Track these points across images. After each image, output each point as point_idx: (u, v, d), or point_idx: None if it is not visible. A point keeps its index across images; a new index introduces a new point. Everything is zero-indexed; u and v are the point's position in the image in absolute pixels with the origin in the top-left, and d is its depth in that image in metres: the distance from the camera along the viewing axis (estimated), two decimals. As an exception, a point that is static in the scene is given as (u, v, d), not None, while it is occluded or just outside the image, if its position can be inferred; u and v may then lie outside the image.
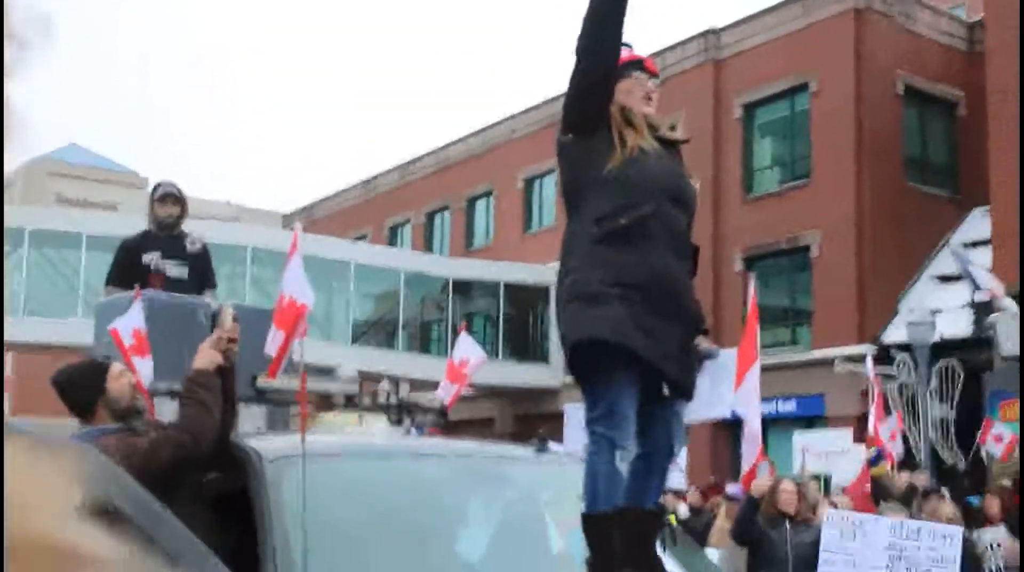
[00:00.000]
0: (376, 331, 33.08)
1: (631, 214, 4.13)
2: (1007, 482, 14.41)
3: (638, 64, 4.44)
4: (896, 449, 13.96)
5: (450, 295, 33.17)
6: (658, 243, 4.18)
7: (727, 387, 8.06)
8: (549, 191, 34.52)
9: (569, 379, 29.15)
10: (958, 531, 8.78)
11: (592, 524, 4.07)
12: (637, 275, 4.11)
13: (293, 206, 46.68)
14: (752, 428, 9.66)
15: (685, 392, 4.29)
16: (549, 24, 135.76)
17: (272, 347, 5.62)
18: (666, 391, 4.21)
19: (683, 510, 15.13)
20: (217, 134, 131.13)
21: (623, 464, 4.03)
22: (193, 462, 4.40)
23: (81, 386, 4.59)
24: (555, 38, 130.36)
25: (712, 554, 9.85)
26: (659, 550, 4.26)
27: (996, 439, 17.09)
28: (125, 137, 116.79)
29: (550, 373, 32.42)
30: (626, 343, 4.03)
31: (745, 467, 9.93)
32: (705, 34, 29.18)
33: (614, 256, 4.12)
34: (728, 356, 8.27)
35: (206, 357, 4.60)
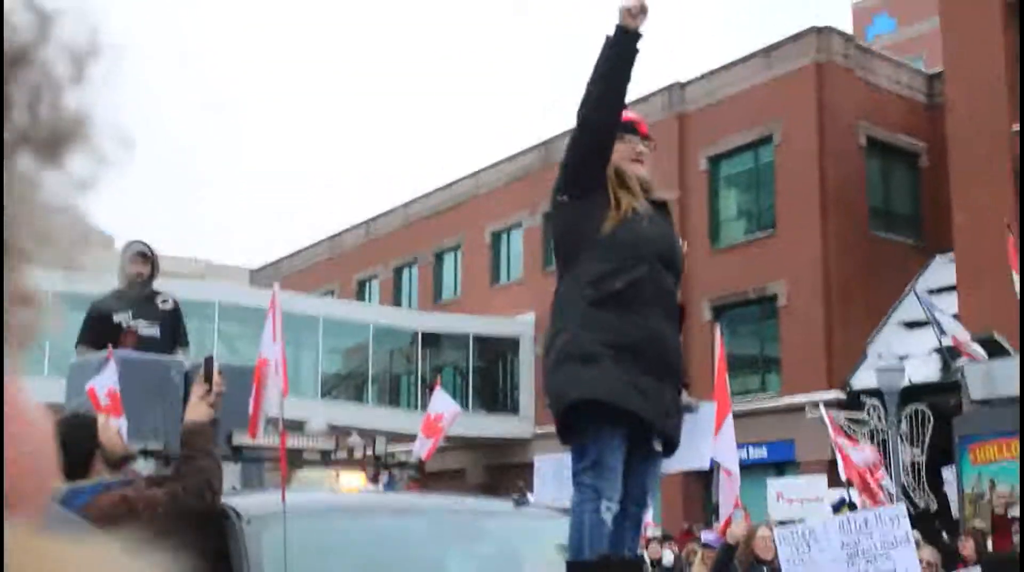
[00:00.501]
0: (345, 385, 32.97)
1: (625, 278, 4.25)
2: (980, 524, 14.49)
3: (630, 126, 4.55)
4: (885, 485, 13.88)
5: (419, 348, 33.14)
6: (650, 305, 4.29)
7: (706, 439, 8.09)
8: (516, 244, 34.68)
9: (540, 430, 29.15)
10: (901, 508, 8.92)
11: None
12: (631, 336, 4.22)
13: (260, 262, 46.62)
14: (731, 476, 9.68)
15: (673, 447, 4.38)
16: (514, 80, 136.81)
17: (251, 406, 5.61)
18: (658, 447, 4.31)
19: (668, 557, 15.11)
20: (182, 191, 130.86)
21: (608, 515, 4.08)
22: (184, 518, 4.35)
23: (75, 441, 4.50)
24: (520, 94, 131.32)
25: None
26: None
27: (955, 478, 17.26)
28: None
29: (520, 424, 32.41)
30: (624, 404, 4.15)
31: (723, 515, 9.94)
32: (670, 88, 29.52)
33: (609, 318, 4.22)
34: (708, 409, 8.30)
35: (201, 410, 4.52)
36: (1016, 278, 17.77)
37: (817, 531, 8.72)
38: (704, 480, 24.50)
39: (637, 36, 4.26)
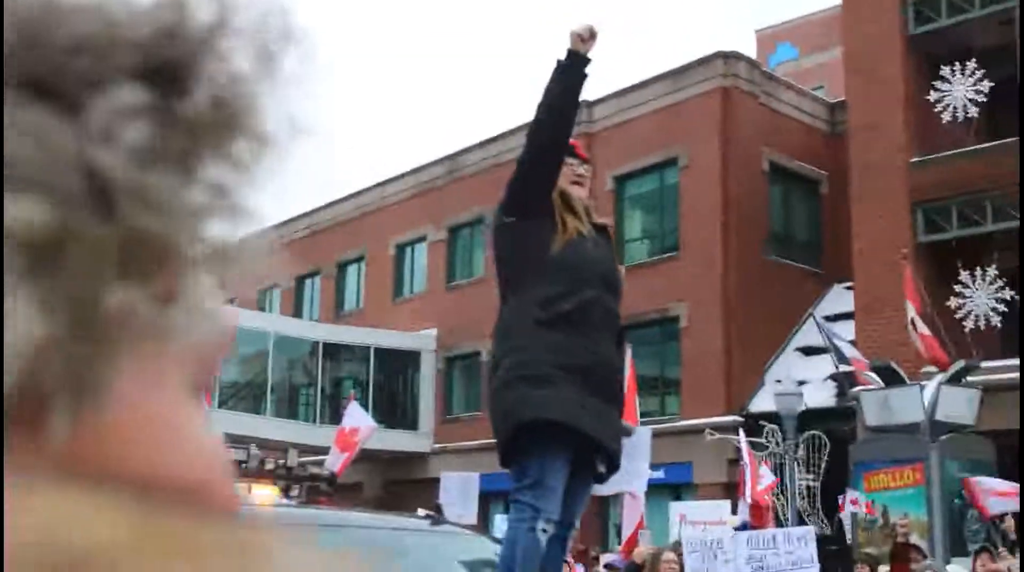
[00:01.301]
0: (243, 395, 32.44)
1: (574, 300, 4.28)
2: (873, 550, 14.72)
3: (570, 149, 4.60)
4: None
5: (320, 359, 32.78)
6: (597, 328, 4.34)
7: (644, 462, 8.16)
8: (420, 258, 34.54)
9: (438, 445, 28.96)
10: (810, 531, 9.09)
11: None
12: (581, 359, 4.24)
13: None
14: (636, 498, 9.72)
15: (614, 470, 4.40)
16: (421, 91, 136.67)
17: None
18: (602, 468, 4.32)
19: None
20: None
21: (544, 536, 4.05)
22: None
23: None
24: (427, 106, 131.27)
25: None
26: None
27: (853, 503, 17.54)
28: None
29: (419, 439, 32.24)
30: (577, 425, 4.15)
31: (626, 535, 9.99)
32: (578, 106, 29.69)
33: (558, 339, 4.23)
34: (644, 433, 8.36)
35: None
36: (911, 308, 18.18)
37: (725, 543, 8.81)
38: (600, 501, 24.61)
39: (587, 61, 4.35)
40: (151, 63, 0.48)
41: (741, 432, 16.30)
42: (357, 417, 10.66)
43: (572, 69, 4.33)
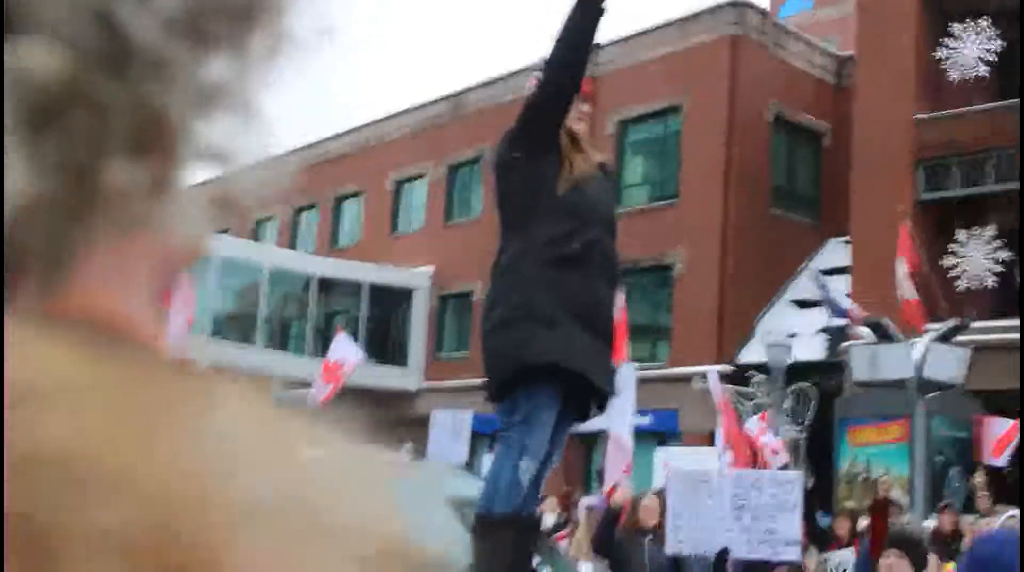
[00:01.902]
0: (235, 326, 32.42)
1: (580, 240, 4.27)
2: (854, 504, 14.77)
3: None
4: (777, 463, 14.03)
5: (313, 293, 32.74)
6: (599, 270, 4.33)
7: (628, 399, 8.16)
8: (419, 195, 34.40)
9: (427, 384, 28.97)
10: (797, 476, 9.13)
11: (485, 526, 4.08)
12: (584, 300, 4.25)
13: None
14: (623, 442, 9.70)
15: (603, 409, 4.46)
16: (424, 29, 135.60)
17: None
18: (595, 411, 4.37)
19: (549, 519, 15.10)
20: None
21: (526, 476, 4.06)
22: None
23: None
24: (429, 44, 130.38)
25: (585, 568, 9.85)
26: (535, 562, 4.31)
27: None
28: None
29: (408, 376, 32.27)
30: (582, 370, 4.18)
31: (609, 480, 9.97)
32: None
33: (564, 280, 4.22)
34: (627, 370, 8.35)
35: None
36: (902, 266, 18.14)
37: (712, 479, 8.83)
38: (586, 445, 24.70)
39: None
40: None
41: (711, 376, 16.20)
42: (344, 349, 10.59)
43: (592, 4, 4.25)
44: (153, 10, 0.43)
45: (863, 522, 12.48)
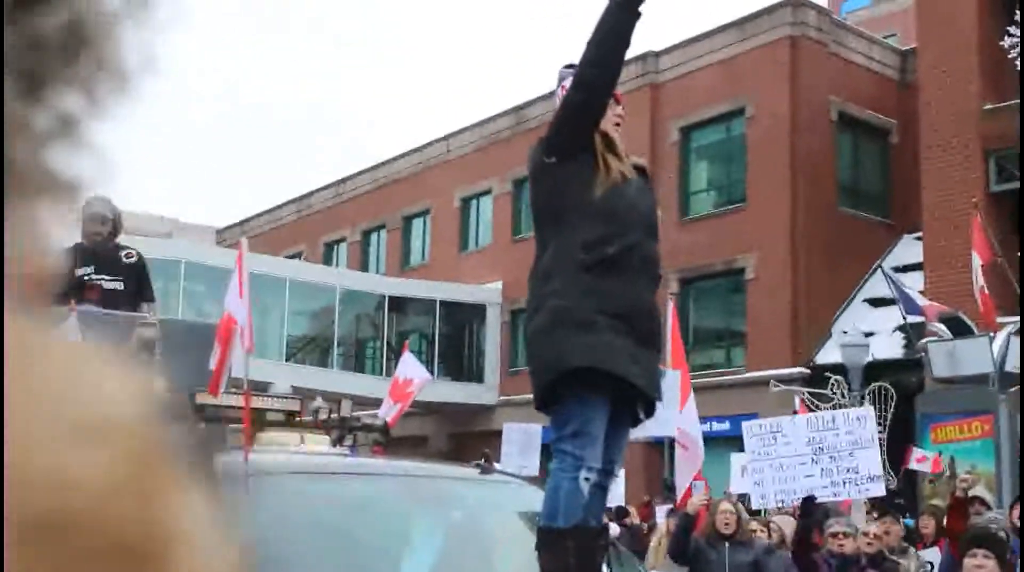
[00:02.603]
0: (310, 349, 32.81)
1: (618, 244, 4.23)
2: (939, 502, 14.55)
3: None
4: None
5: (385, 313, 33.02)
6: (638, 273, 4.30)
7: (673, 406, 8.17)
8: (486, 211, 34.55)
9: (504, 398, 29.01)
10: (869, 411, 9.07)
11: (549, 539, 4.09)
12: (622, 304, 4.20)
13: (227, 221, 46.25)
14: (688, 450, 9.69)
15: (652, 414, 4.41)
16: (484, 46, 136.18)
17: (214, 363, 5.52)
18: (643, 416, 4.33)
19: (614, 529, 15.09)
20: (150, 147, 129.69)
21: (586, 485, 4.06)
22: None
23: None
24: (490, 60, 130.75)
25: (655, 574, 9.84)
26: (604, 568, 4.31)
27: (919, 460, 17.30)
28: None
29: (484, 391, 32.42)
30: (623, 373, 4.14)
31: (681, 488, 9.94)
32: (644, 57, 29.37)
33: (602, 284, 4.20)
34: (673, 377, 8.36)
35: None
36: (977, 259, 17.86)
37: (785, 426, 8.82)
38: (665, 452, 24.61)
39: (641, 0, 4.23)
40: None
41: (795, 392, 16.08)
42: (411, 368, 10.72)
43: (626, 7, 4.20)
44: None
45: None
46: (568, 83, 4.45)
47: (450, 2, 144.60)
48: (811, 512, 8.59)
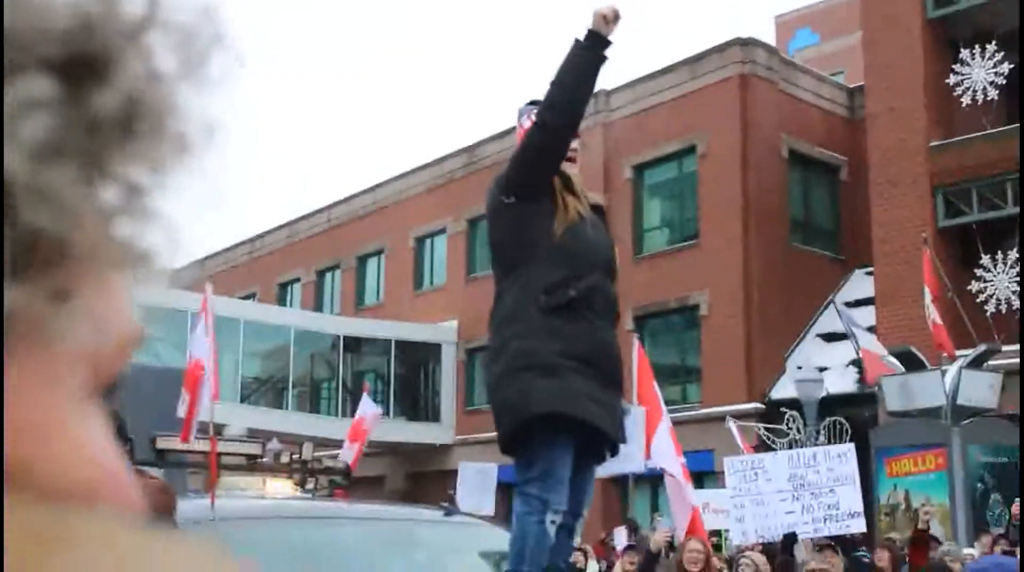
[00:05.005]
0: (265, 390, 32.54)
1: (579, 286, 4.22)
2: (896, 535, 14.64)
3: None
4: None
5: (340, 353, 32.85)
6: (599, 314, 4.30)
7: (638, 443, 8.18)
8: (440, 250, 34.52)
9: (460, 437, 28.85)
10: (850, 448, 9.11)
11: None
12: (585, 347, 4.20)
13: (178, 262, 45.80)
14: (675, 480, 9.67)
15: (616, 453, 4.38)
16: (437, 85, 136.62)
17: (182, 410, 5.47)
18: (608, 456, 4.31)
19: (593, 567, 15.07)
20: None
21: (552, 528, 4.04)
22: None
23: None
24: (443, 97, 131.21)
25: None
26: None
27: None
28: None
29: (441, 431, 32.28)
30: (586, 417, 4.13)
31: (680, 521, 9.81)
32: (596, 95, 29.49)
33: (563, 326, 4.19)
34: (638, 413, 8.38)
35: None
36: (928, 294, 18.10)
37: (767, 463, 8.85)
38: (621, 487, 24.58)
39: (608, 43, 4.22)
40: (68, 55, 0.46)
41: (731, 425, 16.18)
42: (364, 406, 10.75)
43: (592, 50, 4.20)
44: (19, 141, 0.44)
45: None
46: (527, 121, 4.43)
47: (403, 42, 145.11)
48: (790, 549, 8.62)
